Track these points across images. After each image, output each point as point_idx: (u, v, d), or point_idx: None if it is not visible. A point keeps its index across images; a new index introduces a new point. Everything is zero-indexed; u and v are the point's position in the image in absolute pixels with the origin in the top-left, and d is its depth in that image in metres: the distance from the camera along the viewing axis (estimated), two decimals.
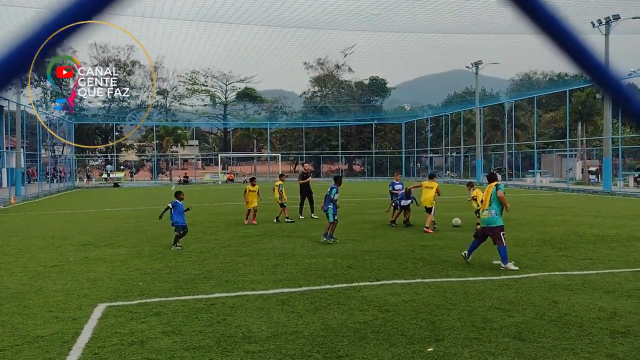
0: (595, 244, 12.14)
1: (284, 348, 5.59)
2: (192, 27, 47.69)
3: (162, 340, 5.87)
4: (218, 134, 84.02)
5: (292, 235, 14.08)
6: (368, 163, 67.39)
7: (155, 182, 57.89)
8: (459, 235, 13.79)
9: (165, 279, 8.90)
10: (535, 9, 0.40)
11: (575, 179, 43.38)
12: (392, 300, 7.44)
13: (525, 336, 5.88)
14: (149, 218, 19.25)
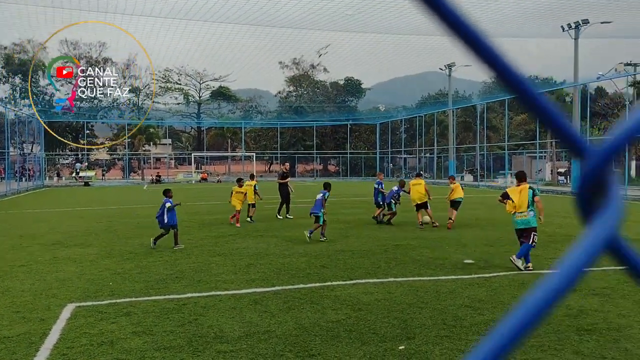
0: (563, 244, 12.39)
1: (256, 347, 5.58)
2: (165, 24, 47.12)
3: (132, 341, 5.80)
4: (192, 133, 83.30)
5: (266, 235, 14.05)
6: (343, 163, 67.58)
7: (127, 181, 57.11)
8: (432, 235, 13.94)
9: (136, 279, 8.80)
10: (444, 13, 0.41)
11: (544, 180, 44.21)
12: (364, 299, 7.48)
13: None
14: (120, 217, 19.00)
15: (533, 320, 0.37)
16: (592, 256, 0.39)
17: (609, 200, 0.41)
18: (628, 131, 0.41)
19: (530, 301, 0.38)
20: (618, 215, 0.40)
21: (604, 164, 0.41)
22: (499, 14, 41.18)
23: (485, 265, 9.67)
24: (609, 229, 0.40)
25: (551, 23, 39.36)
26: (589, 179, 0.41)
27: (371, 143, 68.09)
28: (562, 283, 0.37)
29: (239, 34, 57.73)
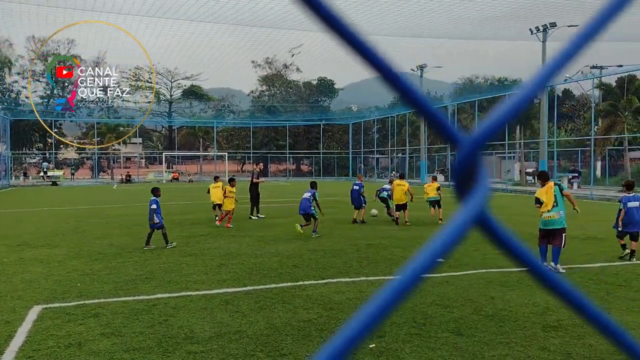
0: (531, 242, 12.61)
1: (227, 348, 5.56)
2: (135, 21, 46.56)
3: (100, 342, 5.72)
4: (163, 132, 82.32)
5: (238, 235, 13.98)
6: (315, 163, 67.65)
7: (96, 180, 56.14)
8: (403, 234, 14.06)
9: (105, 280, 8.67)
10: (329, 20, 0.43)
11: (513, 180, 45.00)
12: (336, 298, 7.52)
13: (463, 331, 6.07)
14: (89, 217, 18.68)
15: (414, 281, 0.41)
16: (464, 229, 0.44)
17: (478, 183, 0.45)
18: (495, 122, 0.45)
19: (411, 265, 0.42)
20: (485, 195, 0.45)
21: (474, 151, 0.45)
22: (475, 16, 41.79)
23: (454, 264, 9.80)
24: (478, 207, 0.45)
25: (520, 26, 40.10)
26: (463, 164, 0.45)
27: (344, 143, 68.33)
28: (439, 251, 0.43)
29: (211, 32, 57.36)
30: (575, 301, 0.53)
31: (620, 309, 6.93)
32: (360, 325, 0.42)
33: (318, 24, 0.43)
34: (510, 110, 0.46)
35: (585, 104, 55.77)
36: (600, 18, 0.51)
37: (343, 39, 0.43)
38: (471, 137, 0.46)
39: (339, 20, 0.43)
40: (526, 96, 0.48)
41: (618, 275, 9.04)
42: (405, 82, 0.45)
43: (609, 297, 7.57)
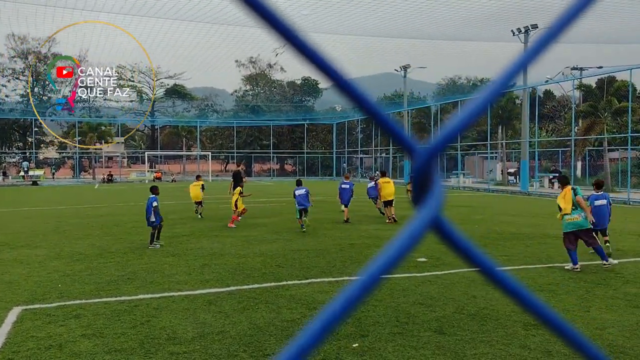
0: (512, 242, 12.78)
1: (210, 348, 5.54)
2: (117, 20, 46.04)
3: (81, 344, 5.67)
4: (145, 131, 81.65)
5: (221, 235, 13.93)
6: (300, 163, 67.62)
7: (77, 180, 55.51)
8: (387, 233, 14.13)
9: (86, 281, 8.59)
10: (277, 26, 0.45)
11: (495, 180, 45.43)
12: (319, 298, 7.53)
13: (445, 330, 6.12)
14: (69, 217, 18.48)
15: (373, 282, 0.43)
16: (420, 232, 0.46)
17: (433, 189, 0.48)
18: (449, 133, 0.49)
19: (369, 270, 0.44)
20: (440, 201, 0.48)
21: (429, 160, 0.48)
22: (458, 17, 42.08)
23: (437, 263, 9.87)
24: (433, 212, 0.48)
25: (501, 27, 40.49)
26: (418, 172, 0.48)
27: (328, 143, 68.39)
28: (397, 252, 0.45)
29: (194, 31, 57.03)
30: (526, 300, 0.55)
31: (599, 308, 7.04)
32: (320, 326, 0.43)
33: (261, 25, 0.44)
34: (464, 120, 0.49)
35: (566, 105, 56.50)
36: (549, 31, 0.53)
37: (290, 43, 0.45)
38: (426, 147, 0.49)
39: (282, 23, 0.44)
40: (479, 105, 0.51)
41: (597, 273, 9.18)
42: (360, 92, 0.47)
43: (589, 295, 7.68)
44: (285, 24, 0.45)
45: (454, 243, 0.51)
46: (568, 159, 40.27)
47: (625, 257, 10.82)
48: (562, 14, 0.53)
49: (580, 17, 0.53)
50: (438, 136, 0.50)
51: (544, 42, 0.53)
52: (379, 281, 0.44)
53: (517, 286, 0.55)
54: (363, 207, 22.50)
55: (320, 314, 0.44)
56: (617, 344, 5.67)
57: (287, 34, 0.45)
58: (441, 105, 53.28)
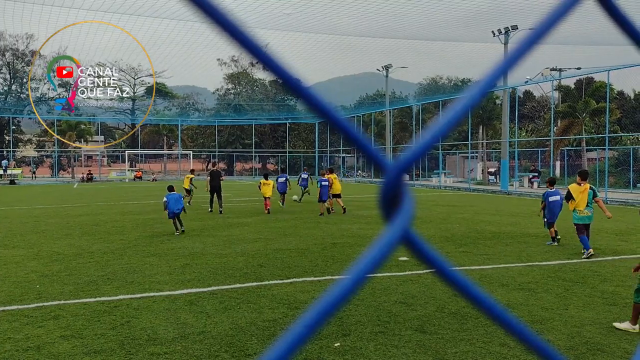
0: (492, 241, 12.91)
1: (191, 349, 5.51)
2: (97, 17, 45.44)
3: (60, 345, 5.59)
4: (125, 130, 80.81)
5: (202, 235, 13.85)
6: (282, 162, 67.50)
7: (56, 179, 54.76)
8: (369, 232, 14.17)
9: (65, 281, 8.47)
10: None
11: (476, 179, 45.84)
12: (301, 297, 7.53)
13: (426, 328, 6.16)
14: (48, 217, 18.22)
15: (344, 298, 0.44)
16: (390, 247, 0.47)
17: (403, 205, 0.49)
18: (416, 152, 0.50)
19: (340, 285, 0.45)
20: (409, 216, 0.49)
21: (399, 176, 0.50)
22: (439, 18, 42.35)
23: (418, 262, 9.92)
24: (402, 226, 0.49)
25: (482, 28, 40.88)
26: (388, 187, 0.49)
27: (310, 142, 68.40)
28: (366, 268, 0.46)
29: (175, 29, 56.51)
30: (489, 308, 0.57)
31: (577, 306, 7.14)
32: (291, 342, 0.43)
33: (211, 25, 0.44)
34: (435, 136, 0.50)
35: (545, 105, 57.23)
36: (530, 37, 0.54)
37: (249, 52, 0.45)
38: (396, 164, 0.50)
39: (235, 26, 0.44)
40: (448, 122, 0.51)
41: (576, 272, 9.31)
42: (327, 106, 0.47)
43: (567, 293, 7.79)
44: (239, 29, 0.45)
45: (424, 257, 0.52)
46: (547, 158, 40.79)
47: (603, 255, 11.00)
48: (545, 17, 0.54)
49: (563, 20, 0.54)
50: (408, 153, 0.51)
51: (523, 49, 0.53)
52: (349, 295, 0.45)
53: (485, 298, 0.56)
54: (345, 205, 22.55)
55: (289, 332, 0.44)
56: (595, 342, 5.76)
57: (243, 41, 0.45)
58: (423, 105, 53.58)
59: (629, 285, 8.34)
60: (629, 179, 34.54)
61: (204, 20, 0.43)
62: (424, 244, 0.51)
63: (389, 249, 0.47)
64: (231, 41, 0.45)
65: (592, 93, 36.19)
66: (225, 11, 0.44)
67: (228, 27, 0.44)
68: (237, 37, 0.45)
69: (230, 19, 0.44)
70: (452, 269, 0.54)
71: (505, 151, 36.25)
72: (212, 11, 0.44)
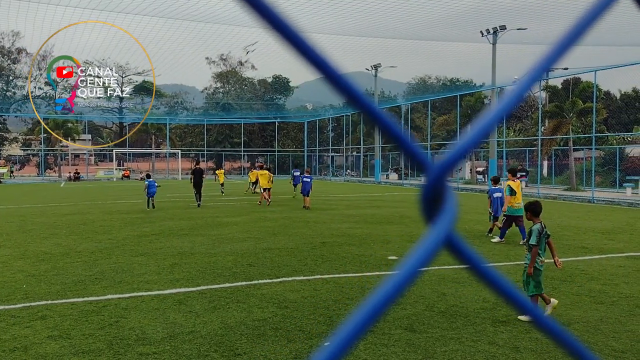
0: (481, 239, 12.98)
1: (180, 348, 5.48)
2: (84, 15, 45.05)
3: (48, 346, 5.54)
4: (113, 129, 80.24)
5: (191, 234, 13.79)
6: (270, 161, 67.41)
7: (43, 178, 54.26)
8: (358, 232, 14.19)
9: (53, 281, 8.40)
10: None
11: (464, 179, 46.07)
12: (291, 296, 7.52)
13: (416, 327, 6.18)
14: (34, 216, 18.05)
15: (388, 302, 0.44)
16: (433, 251, 0.46)
17: (445, 206, 0.48)
18: (461, 150, 0.49)
19: (383, 289, 0.44)
20: (452, 218, 0.48)
21: (442, 176, 0.48)
22: (428, 18, 42.47)
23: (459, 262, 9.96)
24: (446, 229, 0.47)
25: (471, 28, 41.05)
26: (430, 188, 0.48)
27: (299, 141, 68.37)
28: (409, 273, 0.45)
29: (164, 27, 56.15)
30: (535, 316, 0.57)
31: (564, 304, 7.20)
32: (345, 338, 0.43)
33: (264, 26, 0.43)
34: (479, 134, 0.49)
35: (533, 105, 57.63)
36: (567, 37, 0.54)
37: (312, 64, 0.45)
38: (439, 163, 0.49)
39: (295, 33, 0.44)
40: (493, 121, 0.51)
41: (563, 270, 9.38)
42: (381, 113, 0.47)
43: (555, 292, 7.85)
44: (286, 23, 0.44)
45: (466, 259, 0.51)
46: (535, 158, 41.09)
47: (590, 254, 11.10)
48: (583, 15, 0.53)
49: (601, 18, 0.54)
50: (451, 152, 0.50)
51: (564, 45, 0.53)
52: (397, 295, 0.44)
53: (521, 298, 0.56)
54: (334, 205, 22.57)
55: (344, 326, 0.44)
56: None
57: (291, 37, 0.44)
58: (411, 104, 53.76)
59: (615, 283, 8.43)
60: (615, 178, 34.90)
61: (262, 24, 0.43)
62: (466, 246, 0.50)
63: (433, 251, 0.46)
64: (281, 40, 0.44)
65: (579, 93, 36.47)
66: (284, 16, 0.44)
67: (279, 27, 0.44)
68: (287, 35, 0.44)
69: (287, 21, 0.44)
70: (492, 270, 0.53)
71: (493, 150, 36.47)
72: (268, 14, 0.43)
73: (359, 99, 0.46)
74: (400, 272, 0.45)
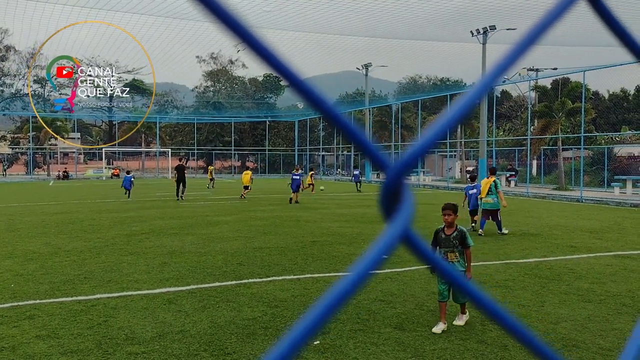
0: (470, 238, 13.02)
1: (170, 348, 5.46)
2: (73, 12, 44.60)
3: (36, 345, 5.50)
4: (102, 127, 79.74)
5: (181, 233, 13.74)
6: (261, 160, 67.31)
7: (31, 177, 53.83)
8: (348, 231, 14.21)
9: (41, 281, 8.34)
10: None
11: (454, 178, 46.26)
12: (281, 295, 7.52)
13: (405, 326, 6.20)
14: (23, 215, 17.91)
15: (345, 296, 0.45)
16: (392, 245, 0.48)
17: (403, 204, 0.50)
18: (418, 150, 0.51)
19: (342, 282, 0.45)
20: (409, 215, 0.50)
21: (400, 175, 0.50)
22: (418, 17, 42.58)
23: (397, 260, 9.98)
24: (403, 226, 0.49)
25: (461, 28, 41.22)
26: (389, 187, 0.50)
27: (290, 140, 68.31)
28: (368, 267, 0.46)
29: (154, 26, 55.84)
30: (493, 312, 0.58)
31: (553, 303, 7.26)
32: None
33: (215, 23, 0.44)
34: (434, 136, 0.50)
35: (522, 105, 57.95)
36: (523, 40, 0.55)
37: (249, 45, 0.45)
38: (397, 163, 0.50)
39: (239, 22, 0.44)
40: (448, 123, 0.52)
41: (552, 269, 9.46)
42: (328, 104, 0.48)
43: (543, 290, 7.91)
44: (242, 23, 0.45)
45: (422, 255, 0.53)
46: (524, 157, 41.32)
47: (578, 253, 11.19)
48: (540, 19, 0.54)
49: (558, 22, 0.55)
50: (409, 152, 0.51)
51: (517, 51, 0.54)
52: (350, 293, 0.45)
53: (484, 298, 0.57)
54: (325, 204, 22.59)
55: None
56: (570, 338, 5.86)
57: (245, 35, 0.45)
58: (402, 103, 53.88)
59: (603, 282, 8.50)
60: (603, 177, 35.18)
61: (207, 16, 0.43)
62: (423, 243, 0.52)
63: (389, 247, 0.48)
64: (233, 36, 0.44)
65: (568, 93, 36.74)
66: (229, 9, 0.44)
67: (231, 24, 0.44)
68: (239, 32, 0.44)
69: (235, 16, 0.44)
70: (445, 263, 0.55)
71: (483, 150, 36.64)
72: (215, 7, 0.43)
73: (312, 95, 0.47)
74: (357, 267, 0.46)
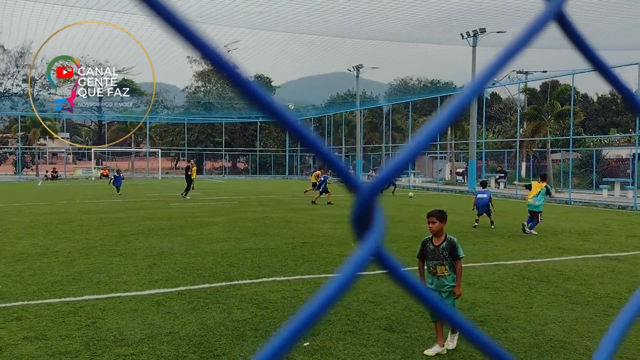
0: (460, 240, 13.03)
1: (159, 350, 5.44)
2: (63, 12, 44.28)
3: (23, 347, 5.46)
4: (92, 127, 79.25)
5: (171, 234, 13.69)
6: (252, 161, 67.19)
7: (20, 177, 53.38)
8: (338, 232, 14.22)
9: (29, 282, 8.27)
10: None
11: (444, 180, 46.43)
12: (271, 297, 7.51)
13: (395, 327, 6.22)
14: (10, 216, 17.76)
15: (316, 316, 0.46)
16: (363, 264, 0.49)
17: (374, 224, 0.51)
18: (391, 171, 0.52)
19: (316, 300, 0.47)
20: (380, 235, 0.51)
21: (371, 196, 0.51)
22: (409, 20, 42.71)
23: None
24: (374, 244, 0.50)
25: (451, 31, 41.41)
26: (360, 208, 0.51)
27: (281, 141, 68.24)
28: (342, 284, 0.48)
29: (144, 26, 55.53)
30: (467, 331, 0.59)
31: (541, 304, 7.31)
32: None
33: (156, 20, 0.44)
34: (406, 158, 0.51)
35: (512, 108, 58.28)
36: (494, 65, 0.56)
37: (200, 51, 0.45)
38: (368, 186, 0.51)
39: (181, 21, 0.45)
40: (418, 146, 0.53)
41: (540, 271, 9.53)
42: (298, 125, 0.49)
43: (532, 292, 7.97)
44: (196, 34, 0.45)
45: (393, 272, 0.54)
46: (513, 159, 41.55)
47: (566, 255, 11.27)
48: (513, 41, 0.56)
49: (530, 44, 0.56)
50: (380, 174, 0.52)
51: (480, 82, 0.56)
52: (322, 310, 0.46)
53: (451, 313, 0.59)
54: (315, 205, 22.59)
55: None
56: (558, 339, 5.91)
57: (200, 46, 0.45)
58: (393, 105, 54.01)
59: (591, 284, 8.58)
60: (591, 180, 35.46)
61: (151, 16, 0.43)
62: (394, 260, 0.53)
63: (361, 266, 0.49)
64: (177, 37, 0.45)
65: (557, 96, 37.02)
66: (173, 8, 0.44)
67: (175, 24, 0.45)
68: (183, 32, 0.45)
69: (178, 16, 0.45)
70: (420, 285, 0.57)
71: (472, 152, 36.81)
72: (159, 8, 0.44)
73: (278, 114, 0.49)
74: (328, 285, 0.47)
